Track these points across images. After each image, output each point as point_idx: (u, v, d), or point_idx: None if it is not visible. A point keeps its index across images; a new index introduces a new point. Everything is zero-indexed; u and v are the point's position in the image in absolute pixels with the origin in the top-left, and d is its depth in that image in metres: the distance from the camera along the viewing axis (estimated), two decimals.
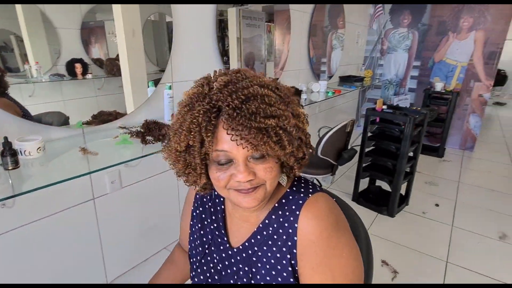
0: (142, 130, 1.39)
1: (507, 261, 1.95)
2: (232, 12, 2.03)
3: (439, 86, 3.77)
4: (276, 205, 0.65)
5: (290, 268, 0.61)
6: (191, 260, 0.76)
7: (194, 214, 0.78)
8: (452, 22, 3.79)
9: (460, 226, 2.28)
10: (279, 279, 0.62)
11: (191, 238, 0.78)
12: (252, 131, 0.51)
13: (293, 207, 0.63)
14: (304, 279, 0.61)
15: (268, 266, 0.64)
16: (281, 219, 0.64)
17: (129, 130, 1.42)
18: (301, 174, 0.68)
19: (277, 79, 0.61)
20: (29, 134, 1.10)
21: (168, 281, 0.84)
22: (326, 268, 0.59)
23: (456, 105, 3.78)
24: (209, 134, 0.54)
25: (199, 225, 0.76)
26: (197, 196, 0.78)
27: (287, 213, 0.63)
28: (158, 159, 0.82)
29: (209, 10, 1.84)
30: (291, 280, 0.61)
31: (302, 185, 0.66)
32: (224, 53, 2.05)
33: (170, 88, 1.56)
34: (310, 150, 0.62)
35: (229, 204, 0.72)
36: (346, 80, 3.73)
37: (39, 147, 1.06)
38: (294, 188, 0.65)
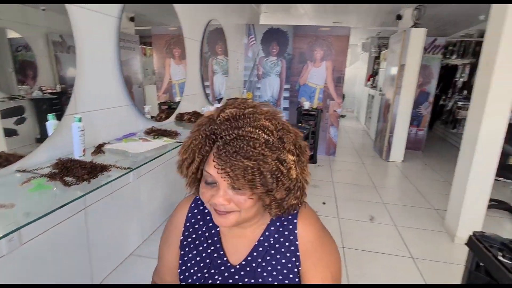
0: (56, 171, 1.19)
1: (379, 237, 2.54)
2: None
3: (306, 105, 4.55)
4: (274, 218, 0.74)
5: (295, 270, 0.71)
6: (184, 280, 0.75)
7: (185, 243, 0.78)
8: (308, 53, 4.67)
9: (343, 216, 2.83)
10: (286, 281, 0.71)
11: (184, 267, 0.76)
12: (232, 167, 0.59)
13: (290, 217, 0.73)
14: (307, 275, 0.71)
15: (274, 273, 0.71)
16: (280, 229, 0.73)
17: (33, 173, 1.19)
18: None
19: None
20: None
21: None
22: (323, 262, 0.72)
23: (320, 120, 4.64)
24: (199, 155, 0.64)
25: (194, 252, 0.76)
26: (187, 224, 0.78)
27: (285, 223, 0.73)
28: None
29: (111, 27, 1.74)
30: (297, 280, 0.71)
31: None
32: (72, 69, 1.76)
33: (79, 120, 1.39)
34: (296, 201, 0.67)
35: (223, 228, 0.76)
36: None
37: None
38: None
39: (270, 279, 0.71)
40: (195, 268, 0.76)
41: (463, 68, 6.00)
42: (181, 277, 0.77)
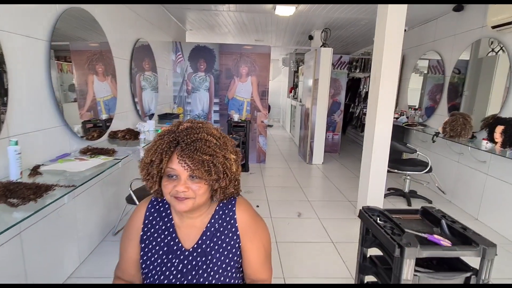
0: None
1: (306, 229, 2.92)
2: None
3: (236, 117, 4.86)
4: (217, 208, 0.96)
5: (237, 245, 0.94)
6: (150, 273, 0.92)
7: (145, 237, 0.94)
8: (234, 69, 5.02)
9: (275, 216, 3.15)
10: (230, 255, 0.93)
11: (145, 257, 0.93)
12: (193, 161, 0.83)
13: (229, 206, 0.96)
14: (246, 248, 0.95)
15: (221, 250, 0.93)
16: (223, 216, 0.96)
17: None
18: None
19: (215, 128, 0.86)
20: None
21: None
22: (257, 237, 0.97)
23: (249, 130, 4.99)
24: (167, 156, 0.85)
25: (153, 243, 0.94)
26: (146, 222, 0.95)
27: (226, 211, 0.96)
28: None
29: (42, 50, 1.76)
30: (238, 253, 0.94)
31: None
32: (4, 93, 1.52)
33: (16, 143, 1.41)
34: (233, 190, 0.93)
35: (176, 219, 0.95)
36: (165, 117, 4.12)
37: None
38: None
39: (217, 256, 0.93)
40: (155, 256, 0.93)
41: (365, 80, 7.08)
42: (143, 265, 0.93)
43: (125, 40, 3.02)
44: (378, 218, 1.26)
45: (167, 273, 0.92)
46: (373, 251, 1.37)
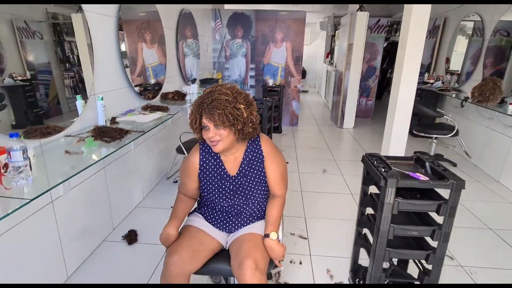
0: (92, 135, 1.71)
1: (329, 183, 3.28)
2: (77, 18, 1.87)
3: (270, 82, 5.16)
4: (248, 145, 1.36)
5: (262, 165, 1.34)
6: (205, 193, 1.36)
7: (201, 173, 1.37)
8: (270, 35, 5.22)
9: (302, 171, 3.54)
10: (261, 176, 1.34)
11: (204, 185, 1.37)
12: (212, 115, 1.20)
13: (256, 142, 1.36)
14: (267, 169, 1.35)
15: (255, 172, 1.34)
16: (253, 149, 1.36)
17: (78, 136, 1.71)
18: None
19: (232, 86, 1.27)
20: None
21: (185, 210, 1.40)
22: (276, 161, 1.36)
23: (283, 95, 5.28)
24: (198, 115, 1.24)
25: (209, 175, 1.36)
26: (201, 163, 1.37)
27: (254, 145, 1.36)
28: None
29: (112, 24, 2.20)
30: (264, 171, 1.34)
31: None
32: (65, 59, 1.85)
33: (102, 99, 1.90)
34: (251, 130, 1.29)
35: (223, 156, 1.36)
36: (206, 82, 4.54)
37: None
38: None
39: (253, 177, 1.34)
40: (211, 182, 1.36)
41: None
42: (203, 188, 1.37)
43: (171, 10, 3.39)
44: (375, 162, 1.57)
45: (220, 193, 1.36)
46: (373, 189, 1.71)
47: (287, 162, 3.74)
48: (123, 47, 2.59)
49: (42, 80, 1.65)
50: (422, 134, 3.70)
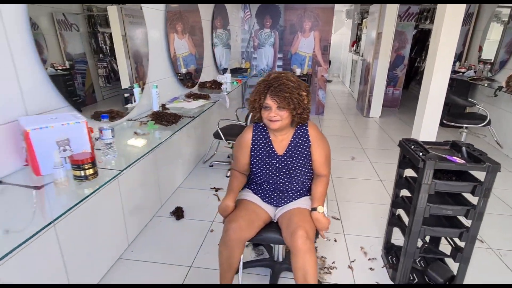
0: (152, 119, 1.91)
1: (358, 169, 3.39)
2: (113, 10, 1.95)
3: (298, 71, 5.24)
4: (296, 129, 1.51)
5: (308, 148, 1.49)
6: (255, 168, 1.53)
7: (253, 148, 1.53)
8: (298, 25, 5.28)
9: (332, 158, 3.64)
10: (306, 157, 1.49)
11: (254, 161, 1.53)
12: (279, 97, 1.35)
13: (304, 127, 1.50)
14: (313, 152, 1.50)
15: (301, 154, 1.49)
16: (300, 133, 1.50)
17: (138, 120, 1.91)
18: None
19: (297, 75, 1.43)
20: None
21: (239, 185, 1.58)
22: (321, 146, 1.50)
23: (310, 84, 5.35)
24: (263, 96, 1.39)
25: (260, 152, 1.52)
26: (253, 140, 1.53)
27: (302, 130, 1.50)
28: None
29: (161, 19, 2.38)
30: (310, 156, 1.49)
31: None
32: (99, 50, 1.92)
33: (156, 87, 2.09)
34: (306, 116, 1.47)
35: (272, 136, 1.52)
36: (235, 71, 4.69)
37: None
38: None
39: (299, 158, 1.50)
40: (261, 159, 1.52)
41: None
42: (253, 165, 1.54)
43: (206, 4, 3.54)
44: (413, 146, 1.68)
45: (268, 170, 1.52)
46: (408, 173, 1.83)
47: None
48: None
49: (79, 70, 1.72)
50: (453, 123, 3.71)
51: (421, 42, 7.13)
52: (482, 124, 3.53)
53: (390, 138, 4.46)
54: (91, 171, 1.13)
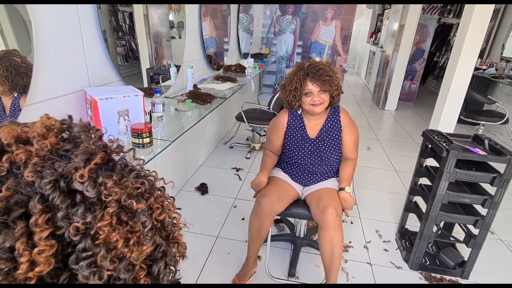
0: (188, 97, 2.03)
1: (374, 160, 3.48)
2: None
3: (317, 59, 5.26)
4: (329, 114, 1.60)
5: (340, 134, 1.59)
6: (287, 150, 1.64)
7: (287, 131, 1.64)
8: (321, 12, 5.27)
9: None
10: (337, 141, 1.60)
11: (287, 143, 1.64)
12: (320, 81, 1.45)
13: (336, 113, 1.60)
14: (344, 137, 1.60)
15: (332, 138, 1.60)
16: (333, 119, 1.60)
17: (176, 98, 2.03)
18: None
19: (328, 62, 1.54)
20: None
21: (272, 163, 1.70)
22: (351, 131, 1.60)
23: None
24: (303, 83, 1.48)
25: (293, 134, 1.63)
26: (288, 123, 1.63)
27: (334, 115, 1.60)
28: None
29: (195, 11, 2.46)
30: (340, 140, 1.60)
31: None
32: (118, 28, 1.87)
33: (191, 67, 2.20)
34: (338, 99, 1.57)
35: (306, 120, 1.62)
36: (256, 56, 4.75)
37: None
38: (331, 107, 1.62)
39: (330, 141, 1.60)
40: (294, 141, 1.63)
41: (457, 27, 6.61)
42: (286, 146, 1.65)
43: None
44: (436, 136, 1.77)
45: (300, 152, 1.63)
46: (428, 163, 1.92)
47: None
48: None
49: None
50: (470, 120, 3.75)
51: (442, 37, 7.04)
52: (500, 122, 3.57)
53: (405, 131, 4.52)
54: (148, 140, 1.25)
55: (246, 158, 3.23)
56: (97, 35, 1.37)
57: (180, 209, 0.46)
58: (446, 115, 3.22)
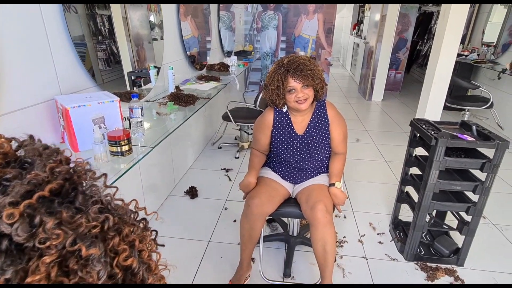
0: (171, 100, 1.96)
1: (363, 151, 3.47)
2: None
3: (301, 54, 5.23)
4: (315, 109, 1.56)
5: (328, 128, 1.55)
6: (275, 148, 1.59)
7: (274, 129, 1.59)
8: (302, 6, 5.23)
9: None
10: (325, 136, 1.56)
11: (275, 141, 1.59)
12: (301, 76, 1.40)
13: (322, 107, 1.56)
14: (332, 131, 1.56)
15: (320, 133, 1.56)
16: (319, 113, 1.56)
17: (157, 101, 1.96)
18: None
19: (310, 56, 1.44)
20: None
21: (260, 163, 1.65)
22: (339, 125, 1.57)
23: None
24: (285, 81, 1.43)
25: (280, 132, 1.58)
26: (274, 121, 1.58)
27: (321, 110, 1.56)
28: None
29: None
30: (328, 132, 1.56)
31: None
32: (98, 32, 1.84)
33: (172, 68, 2.12)
34: (322, 92, 1.53)
35: (292, 117, 1.57)
36: (239, 54, 4.68)
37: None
38: (317, 101, 1.58)
39: (318, 137, 1.56)
40: (281, 139, 1.58)
41: (438, 15, 6.67)
42: (273, 144, 1.60)
43: None
44: (424, 125, 1.75)
45: (289, 150, 1.58)
46: (417, 152, 1.91)
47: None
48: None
49: (78, 53, 1.63)
50: (456, 106, 3.78)
51: (424, 25, 7.10)
52: (485, 107, 3.60)
53: (393, 121, 4.53)
54: (126, 147, 1.19)
55: (235, 157, 3.18)
56: (66, 40, 1.29)
57: (163, 245, 0.40)
58: (432, 103, 3.23)
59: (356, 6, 8.89)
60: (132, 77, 2.12)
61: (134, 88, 2.05)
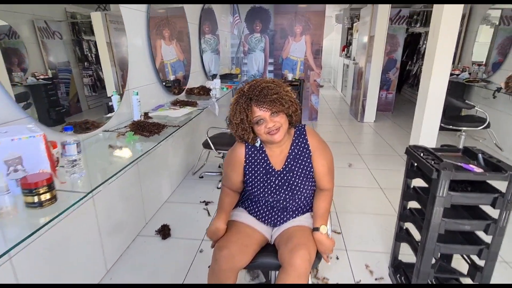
0: (131, 129, 1.71)
1: (357, 177, 3.22)
2: (97, 17, 1.87)
3: (290, 76, 5.10)
4: (293, 138, 1.32)
5: (309, 160, 1.31)
6: (250, 187, 1.33)
7: (247, 166, 1.34)
8: (289, 29, 5.15)
9: None
10: (307, 170, 1.31)
11: (249, 179, 1.33)
12: (267, 103, 1.17)
13: (302, 135, 1.32)
14: (315, 162, 1.31)
15: (301, 167, 1.31)
16: (299, 143, 1.32)
17: (116, 131, 1.71)
18: None
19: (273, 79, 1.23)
20: None
21: (231, 204, 1.38)
22: (323, 155, 1.32)
23: (303, 89, 5.21)
24: (249, 111, 1.19)
25: (255, 169, 1.33)
26: (246, 157, 1.34)
27: (300, 139, 1.32)
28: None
29: (143, 21, 2.19)
30: (311, 165, 1.31)
31: (297, 126, 1.35)
32: (84, 58, 1.83)
33: (137, 94, 1.89)
34: (297, 115, 1.28)
35: (268, 150, 1.33)
36: (225, 77, 4.51)
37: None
38: (295, 128, 1.34)
39: (299, 172, 1.31)
40: (257, 177, 1.32)
41: (425, 36, 6.67)
42: (248, 183, 1.34)
43: (195, 6, 3.36)
44: (422, 154, 1.52)
45: (266, 188, 1.33)
46: (416, 183, 1.66)
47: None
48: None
49: (63, 79, 1.67)
50: (451, 126, 3.59)
51: (412, 45, 7.10)
52: (482, 127, 3.42)
53: (387, 143, 4.33)
54: (47, 195, 0.92)
55: (218, 187, 2.90)
56: None
57: None
58: (427, 125, 3.03)
59: (344, 29, 8.96)
60: (109, 103, 1.89)
61: (108, 114, 1.85)
